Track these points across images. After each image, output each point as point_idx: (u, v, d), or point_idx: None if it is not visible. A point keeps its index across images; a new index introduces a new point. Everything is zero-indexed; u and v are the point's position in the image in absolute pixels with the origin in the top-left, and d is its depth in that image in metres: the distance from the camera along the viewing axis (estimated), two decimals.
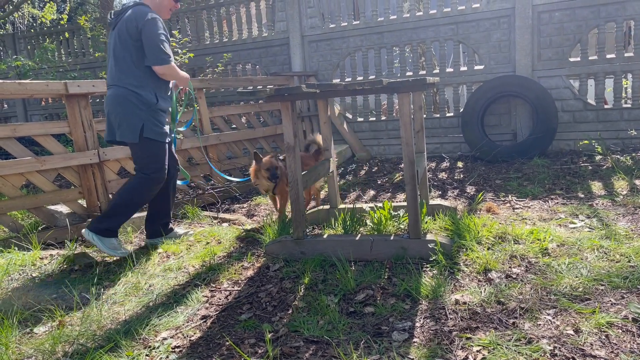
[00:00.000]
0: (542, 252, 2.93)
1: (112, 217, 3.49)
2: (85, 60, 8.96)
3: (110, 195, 4.37)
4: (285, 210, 3.99)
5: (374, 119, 7.04)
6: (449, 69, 6.59)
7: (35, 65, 7.99)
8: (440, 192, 4.89)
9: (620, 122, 5.79)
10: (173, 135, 3.84)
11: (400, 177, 5.58)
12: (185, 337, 2.36)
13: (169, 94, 3.70)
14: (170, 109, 3.73)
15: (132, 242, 3.95)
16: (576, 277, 2.57)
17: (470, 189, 4.90)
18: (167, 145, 3.61)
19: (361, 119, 7.10)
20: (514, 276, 2.66)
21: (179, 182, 4.02)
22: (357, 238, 3.10)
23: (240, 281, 2.96)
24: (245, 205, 5.03)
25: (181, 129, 4.39)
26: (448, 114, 6.65)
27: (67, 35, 9.15)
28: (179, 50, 6.90)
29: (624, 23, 5.85)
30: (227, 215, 4.56)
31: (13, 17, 9.73)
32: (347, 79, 7.15)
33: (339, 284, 2.70)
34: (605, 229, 3.28)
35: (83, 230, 3.49)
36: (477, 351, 2.00)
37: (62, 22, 8.29)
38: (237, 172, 5.81)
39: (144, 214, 3.90)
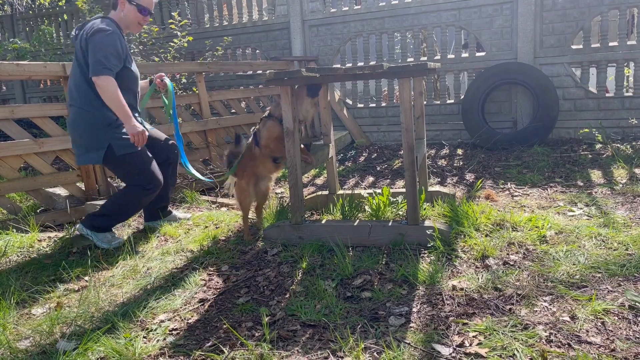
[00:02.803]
0: (540, 240, 2.93)
1: (106, 218, 3.44)
2: None
3: (108, 179, 4.36)
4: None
5: (374, 105, 7.00)
6: (450, 55, 6.55)
7: (33, 48, 7.91)
8: (439, 179, 4.88)
9: (621, 110, 5.76)
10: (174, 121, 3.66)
11: (400, 164, 5.57)
12: (182, 319, 2.37)
13: (137, 102, 3.50)
14: (138, 115, 3.48)
15: (130, 225, 3.95)
16: (573, 264, 2.57)
17: (470, 176, 4.89)
18: (143, 146, 3.39)
19: (361, 105, 7.07)
20: (511, 263, 2.66)
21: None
22: (356, 224, 3.10)
23: (238, 265, 2.96)
24: None
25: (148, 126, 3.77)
26: (448, 101, 6.62)
27: (65, 17, 9.06)
28: (178, 33, 6.83)
29: (627, 10, 5.80)
30: (225, 200, 4.55)
31: None
32: (347, 65, 7.10)
33: (337, 269, 2.71)
34: (603, 217, 3.28)
35: (77, 225, 3.48)
36: (474, 336, 2.01)
37: (60, 3, 8.19)
38: None
39: None
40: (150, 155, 3.46)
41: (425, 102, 5.11)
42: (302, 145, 3.28)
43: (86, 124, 3.25)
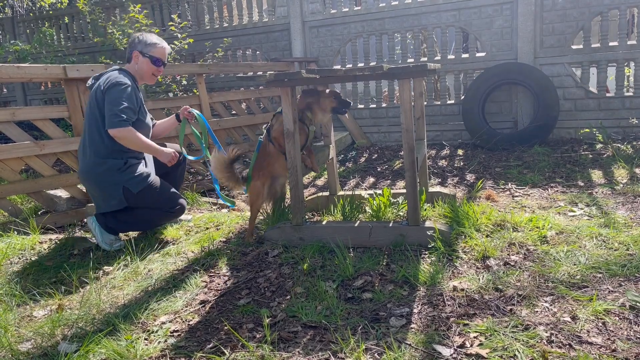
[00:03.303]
0: (540, 240, 2.93)
1: (122, 223, 3.47)
2: (85, 44, 8.89)
3: None
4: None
5: (375, 106, 7.01)
6: (451, 56, 6.55)
7: (34, 50, 7.92)
8: (439, 180, 4.89)
9: (622, 110, 5.76)
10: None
11: (400, 165, 5.57)
12: (184, 321, 2.37)
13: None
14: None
15: None
16: (574, 264, 2.57)
17: (470, 177, 4.89)
18: (155, 175, 3.49)
19: (362, 106, 7.07)
20: (512, 263, 2.66)
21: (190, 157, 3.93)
22: (356, 225, 3.10)
23: (239, 267, 2.96)
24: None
25: (192, 158, 4.00)
26: (449, 101, 6.62)
27: (66, 19, 9.08)
28: (179, 35, 6.84)
29: (627, 10, 5.80)
30: None
31: (12, 0, 9.64)
32: (348, 66, 7.10)
33: (338, 270, 2.71)
34: (604, 217, 3.28)
35: (88, 218, 3.49)
36: (474, 337, 2.01)
37: (60, 5, 8.20)
38: None
39: None
40: (161, 166, 3.52)
41: (425, 103, 5.12)
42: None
43: (98, 174, 3.33)
